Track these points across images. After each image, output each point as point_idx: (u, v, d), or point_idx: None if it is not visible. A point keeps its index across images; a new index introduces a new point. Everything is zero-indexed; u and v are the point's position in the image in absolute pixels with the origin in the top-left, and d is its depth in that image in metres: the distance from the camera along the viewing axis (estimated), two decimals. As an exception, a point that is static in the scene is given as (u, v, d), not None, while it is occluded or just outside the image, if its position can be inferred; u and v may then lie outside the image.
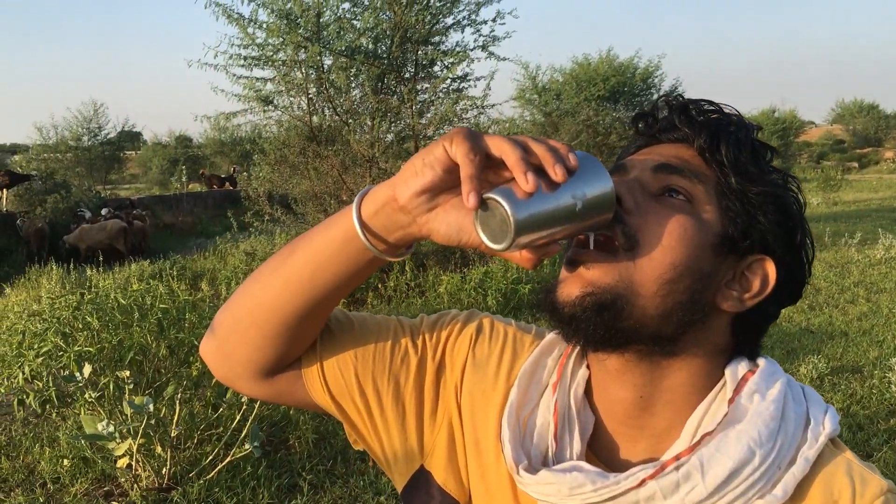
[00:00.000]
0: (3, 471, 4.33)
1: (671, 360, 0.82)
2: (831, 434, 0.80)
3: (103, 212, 17.84)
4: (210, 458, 4.03)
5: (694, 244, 0.79)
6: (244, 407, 4.03)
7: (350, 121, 10.03)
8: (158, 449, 4.02)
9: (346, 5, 9.39)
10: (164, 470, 4.01)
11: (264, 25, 9.07)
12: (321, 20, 9.07)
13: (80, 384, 3.85)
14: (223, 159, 38.02)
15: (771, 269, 0.82)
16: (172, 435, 3.91)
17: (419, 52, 9.85)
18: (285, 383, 0.96)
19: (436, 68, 10.19)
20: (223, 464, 3.97)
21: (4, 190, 19.42)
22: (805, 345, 6.39)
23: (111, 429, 3.74)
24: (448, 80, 10.03)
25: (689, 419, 0.81)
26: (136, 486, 3.95)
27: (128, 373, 3.82)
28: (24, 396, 4.25)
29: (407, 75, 9.94)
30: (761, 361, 0.85)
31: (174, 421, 3.90)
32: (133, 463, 3.96)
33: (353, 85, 9.90)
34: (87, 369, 3.86)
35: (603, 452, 0.86)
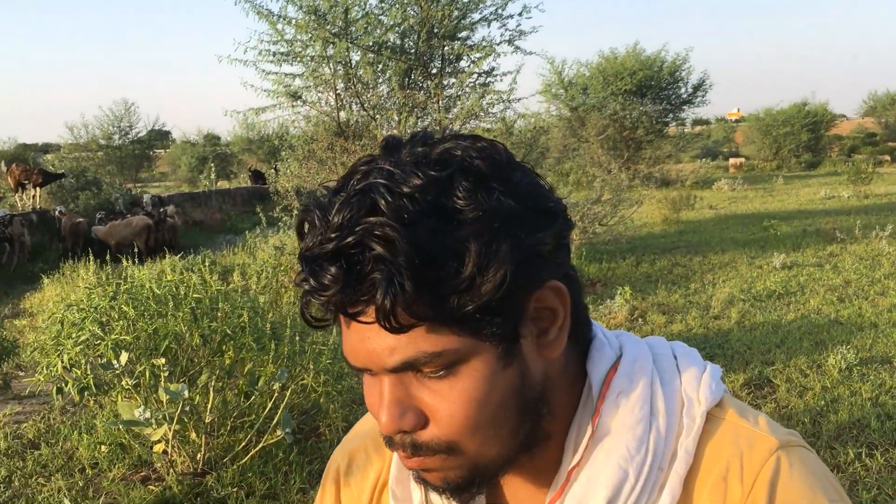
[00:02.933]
0: (43, 457, 4.45)
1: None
2: (710, 405, 0.74)
3: (146, 199, 18.27)
4: (243, 444, 4.12)
5: (488, 393, 0.68)
6: (275, 395, 4.10)
7: (377, 116, 10.10)
8: (193, 435, 4.11)
9: (374, 1, 9.46)
10: (199, 455, 4.10)
11: (293, 21, 9.16)
12: (349, 16, 9.14)
13: (118, 372, 3.96)
14: (251, 156, 38.37)
15: (551, 288, 0.70)
16: (206, 421, 4.00)
17: (446, 47, 9.89)
18: None
19: (462, 63, 10.24)
20: (256, 450, 4.05)
21: (38, 188, 19.78)
22: (834, 336, 6.35)
23: (147, 415, 3.84)
24: (474, 75, 10.07)
25: (565, 451, 0.76)
26: (171, 470, 4.04)
27: (163, 360, 3.90)
28: (63, 384, 4.36)
29: (433, 70, 9.99)
30: (624, 348, 0.79)
31: (208, 408, 3.98)
32: (168, 449, 4.06)
33: (381, 80, 9.97)
34: (124, 357, 3.96)
35: (500, 499, 0.84)
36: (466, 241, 0.62)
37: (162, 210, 18.04)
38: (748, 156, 42.05)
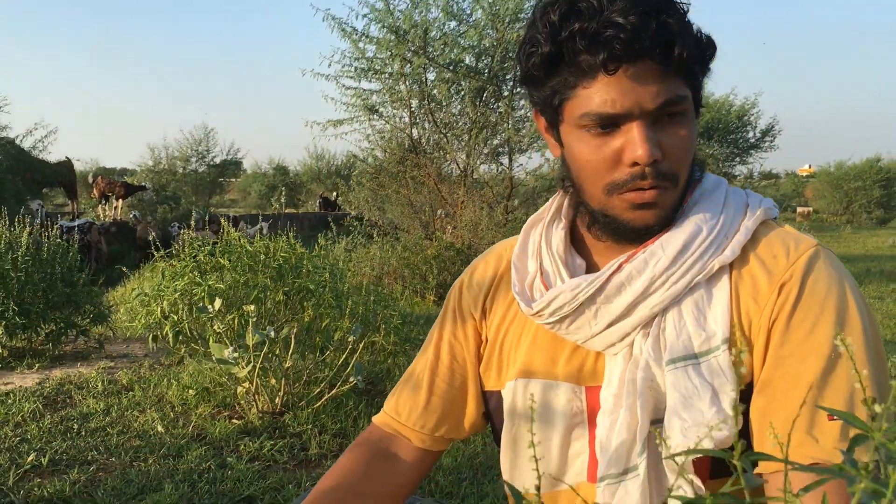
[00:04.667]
0: (137, 397, 4.89)
1: None
2: (767, 211, 1.03)
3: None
4: (317, 392, 4.49)
5: (692, 139, 1.00)
6: (349, 348, 4.46)
7: (448, 133, 10.55)
8: (273, 381, 4.50)
9: (453, 23, 9.97)
10: (277, 399, 4.48)
11: (374, 39, 9.72)
12: (428, 35, 9.66)
13: (212, 315, 4.38)
14: (319, 186, 39.48)
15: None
16: (286, 366, 4.38)
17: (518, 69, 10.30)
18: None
19: (533, 86, 10.61)
20: (329, 395, 4.41)
21: (120, 200, 20.86)
22: (887, 351, 6.47)
23: (236, 355, 4.24)
24: (545, 98, 10.42)
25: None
26: (253, 408, 4.43)
27: (252, 307, 4.31)
28: (159, 332, 4.81)
29: (505, 92, 10.41)
30: (706, 175, 1.10)
31: (288, 354, 4.36)
32: (251, 390, 4.45)
33: (454, 99, 10.43)
34: (218, 302, 4.39)
35: (595, 267, 1.10)
36: (699, 31, 0.98)
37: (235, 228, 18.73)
38: (817, 209, 41.42)
